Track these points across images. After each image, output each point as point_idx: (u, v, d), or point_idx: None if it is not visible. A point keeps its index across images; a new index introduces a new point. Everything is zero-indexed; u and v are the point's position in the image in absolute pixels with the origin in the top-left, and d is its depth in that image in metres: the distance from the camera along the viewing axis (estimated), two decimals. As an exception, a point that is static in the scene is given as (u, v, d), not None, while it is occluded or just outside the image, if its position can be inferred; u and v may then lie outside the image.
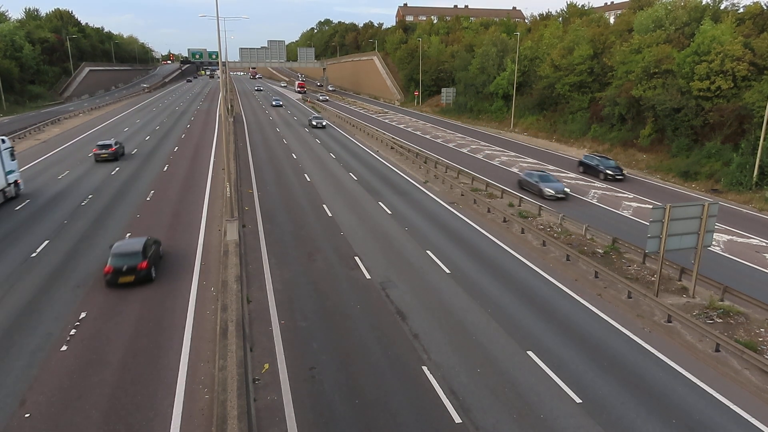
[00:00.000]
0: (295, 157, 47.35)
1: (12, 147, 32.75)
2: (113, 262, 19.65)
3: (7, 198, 31.07)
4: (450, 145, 56.58)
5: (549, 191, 33.44)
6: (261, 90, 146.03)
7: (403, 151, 48.50)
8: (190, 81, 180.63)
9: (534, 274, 21.96)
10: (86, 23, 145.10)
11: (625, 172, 40.47)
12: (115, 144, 45.04)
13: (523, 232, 26.84)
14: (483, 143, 57.90)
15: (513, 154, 51.34)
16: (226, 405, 12.30)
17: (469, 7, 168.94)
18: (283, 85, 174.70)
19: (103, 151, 43.74)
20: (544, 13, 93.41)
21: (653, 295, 18.94)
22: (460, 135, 64.20)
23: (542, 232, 25.88)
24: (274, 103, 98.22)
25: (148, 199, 32.23)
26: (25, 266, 21.73)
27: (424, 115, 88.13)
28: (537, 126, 63.62)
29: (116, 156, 44.51)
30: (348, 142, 56.60)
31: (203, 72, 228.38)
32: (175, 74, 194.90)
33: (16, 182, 32.09)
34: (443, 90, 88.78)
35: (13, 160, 32.05)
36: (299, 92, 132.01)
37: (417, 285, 20.53)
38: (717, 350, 15.97)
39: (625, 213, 31.56)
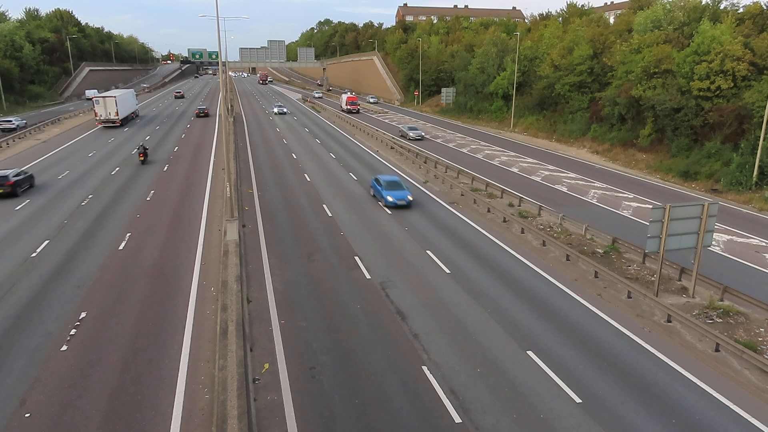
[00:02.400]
0: (295, 157, 47.35)
1: (135, 93, 78.20)
2: (198, 110, 77.18)
3: (136, 116, 73.86)
4: (450, 145, 56.58)
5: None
6: (285, 112, 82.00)
7: (403, 151, 48.50)
8: (197, 77, 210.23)
9: (534, 274, 21.96)
10: (86, 23, 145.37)
11: None
12: (182, 90, 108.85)
13: (523, 232, 26.85)
14: (483, 143, 57.91)
15: (513, 154, 51.35)
16: (226, 405, 12.30)
17: (469, 7, 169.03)
18: (317, 95, 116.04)
19: (178, 92, 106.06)
20: (544, 13, 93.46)
21: (653, 295, 18.95)
22: (460, 135, 64.19)
23: (542, 232, 25.88)
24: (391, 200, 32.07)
25: (148, 199, 32.23)
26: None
27: (424, 115, 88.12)
28: (537, 126, 63.64)
29: (184, 96, 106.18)
30: (348, 142, 56.60)
31: (206, 72, 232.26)
32: (175, 74, 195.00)
33: (137, 111, 74.71)
34: (443, 90, 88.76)
35: (136, 99, 76.29)
36: (349, 110, 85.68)
37: (417, 285, 20.53)
38: (717, 350, 15.98)
39: (625, 213, 31.58)
